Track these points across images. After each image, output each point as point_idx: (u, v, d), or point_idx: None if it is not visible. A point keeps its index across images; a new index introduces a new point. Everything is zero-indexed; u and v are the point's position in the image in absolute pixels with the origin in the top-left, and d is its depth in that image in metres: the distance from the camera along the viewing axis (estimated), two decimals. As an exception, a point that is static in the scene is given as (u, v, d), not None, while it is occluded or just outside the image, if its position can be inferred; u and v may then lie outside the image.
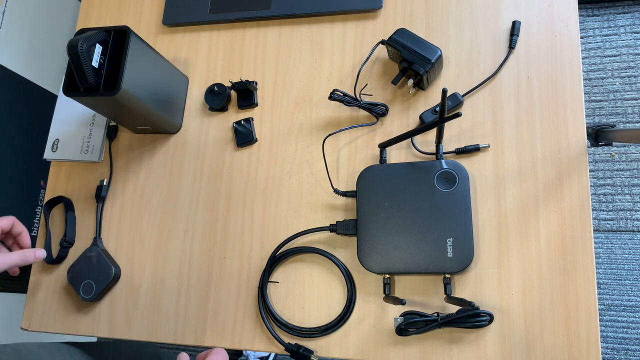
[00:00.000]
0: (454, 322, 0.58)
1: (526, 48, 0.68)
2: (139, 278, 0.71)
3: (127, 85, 0.61)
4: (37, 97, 1.21)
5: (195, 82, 0.77)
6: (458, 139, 0.67)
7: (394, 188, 0.62)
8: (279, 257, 0.67)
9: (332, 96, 0.68)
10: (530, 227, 0.62)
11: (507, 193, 0.63)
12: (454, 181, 0.61)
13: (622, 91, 1.37)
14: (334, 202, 0.68)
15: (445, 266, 0.59)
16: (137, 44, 0.63)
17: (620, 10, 1.42)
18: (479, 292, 0.61)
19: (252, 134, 0.73)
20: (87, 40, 0.59)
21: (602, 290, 1.29)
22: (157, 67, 0.70)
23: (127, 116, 0.70)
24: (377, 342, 0.62)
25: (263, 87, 0.75)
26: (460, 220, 0.60)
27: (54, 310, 0.72)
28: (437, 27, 0.71)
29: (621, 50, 1.39)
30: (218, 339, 0.66)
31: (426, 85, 0.68)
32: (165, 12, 0.81)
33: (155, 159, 0.76)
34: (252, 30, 0.78)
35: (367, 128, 0.70)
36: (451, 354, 0.60)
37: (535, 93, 0.66)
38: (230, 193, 0.72)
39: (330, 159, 0.70)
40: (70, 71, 0.61)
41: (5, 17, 1.12)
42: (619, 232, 1.31)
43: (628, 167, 1.34)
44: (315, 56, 0.74)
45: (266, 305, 0.65)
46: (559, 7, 0.68)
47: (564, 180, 0.62)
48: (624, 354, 1.25)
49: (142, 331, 0.69)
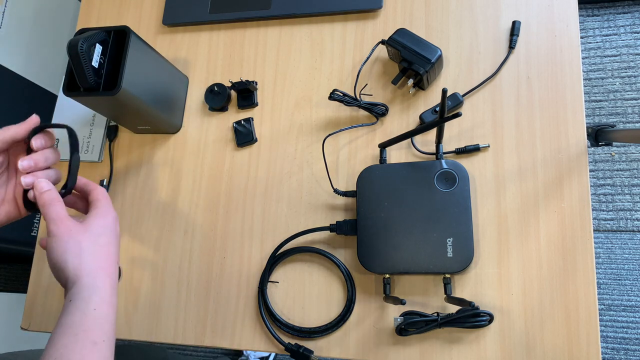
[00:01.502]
0: (454, 322, 0.58)
1: (526, 48, 0.68)
2: (139, 278, 0.71)
3: (127, 85, 0.61)
4: (37, 97, 1.21)
5: (195, 82, 0.77)
6: (458, 139, 0.67)
7: (394, 188, 0.62)
8: (279, 257, 0.67)
9: (332, 96, 0.68)
10: (530, 227, 0.62)
11: (507, 193, 0.63)
12: (454, 181, 0.61)
13: (622, 91, 1.37)
14: (334, 202, 0.68)
15: (445, 266, 0.59)
16: (137, 44, 0.63)
17: (620, 10, 1.42)
18: (479, 292, 0.61)
19: (252, 134, 0.73)
20: (87, 40, 0.59)
21: (602, 290, 1.29)
22: (157, 67, 0.70)
23: (127, 116, 0.70)
24: (377, 342, 0.62)
25: (263, 87, 0.75)
26: (460, 220, 0.60)
27: (54, 310, 0.72)
28: (437, 27, 0.71)
29: (621, 50, 1.39)
30: (218, 339, 0.66)
31: (426, 85, 0.68)
32: (165, 12, 0.81)
33: (155, 159, 0.76)
34: (252, 30, 0.78)
35: (367, 128, 0.70)
36: (451, 354, 0.60)
37: (535, 93, 0.66)
38: (230, 193, 0.72)
39: (330, 159, 0.70)
40: (70, 71, 0.61)
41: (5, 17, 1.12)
42: (619, 232, 1.31)
43: (628, 167, 1.34)
44: (315, 56, 0.74)
45: (266, 305, 0.65)
46: (559, 7, 0.68)
47: (564, 180, 0.62)
48: (624, 354, 1.25)
49: (142, 331, 0.69)
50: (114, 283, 0.52)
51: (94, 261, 0.50)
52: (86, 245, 0.51)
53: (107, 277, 0.51)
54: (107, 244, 0.53)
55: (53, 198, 0.52)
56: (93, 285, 0.49)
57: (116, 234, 0.55)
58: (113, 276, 0.52)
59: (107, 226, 0.54)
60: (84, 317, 0.46)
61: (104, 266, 0.51)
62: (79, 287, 0.48)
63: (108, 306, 0.49)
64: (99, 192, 0.57)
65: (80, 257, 0.50)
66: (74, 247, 0.50)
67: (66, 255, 0.50)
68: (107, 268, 0.51)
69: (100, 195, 0.56)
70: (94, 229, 0.52)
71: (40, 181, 0.53)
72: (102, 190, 0.58)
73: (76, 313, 0.47)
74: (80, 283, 0.49)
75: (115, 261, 0.53)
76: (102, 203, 0.55)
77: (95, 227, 0.53)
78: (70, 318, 0.46)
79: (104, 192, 0.57)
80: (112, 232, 0.54)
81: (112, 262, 0.52)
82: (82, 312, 0.47)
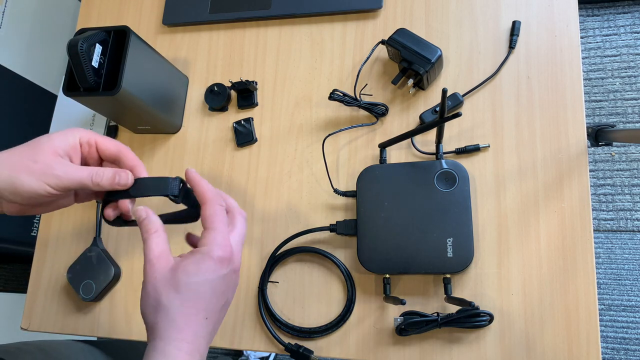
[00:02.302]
0: (454, 322, 0.58)
1: (526, 48, 0.68)
2: (139, 278, 0.71)
3: (127, 85, 0.61)
4: (37, 97, 1.21)
5: (195, 82, 0.77)
6: (458, 139, 0.67)
7: (394, 188, 0.62)
8: (279, 257, 0.67)
9: (332, 96, 0.68)
10: (530, 227, 0.62)
11: (507, 193, 0.63)
12: (454, 181, 0.61)
13: (622, 91, 1.37)
14: (334, 202, 0.68)
15: (445, 266, 0.59)
16: (137, 44, 0.63)
17: (620, 10, 1.42)
18: (479, 292, 0.61)
19: (252, 133, 0.73)
20: (87, 40, 0.59)
21: (602, 290, 1.29)
22: (157, 67, 0.70)
23: (127, 116, 0.70)
24: (377, 342, 0.62)
25: (263, 87, 0.75)
26: (460, 220, 0.60)
27: (54, 310, 0.72)
28: (437, 27, 0.71)
29: (621, 50, 1.39)
30: (218, 339, 0.66)
31: (426, 85, 0.68)
32: (165, 12, 0.81)
33: (155, 159, 0.76)
34: (252, 30, 0.78)
35: (367, 128, 0.70)
36: (451, 354, 0.60)
37: (535, 93, 0.66)
38: (230, 193, 0.71)
39: (330, 159, 0.70)
40: (70, 71, 0.61)
41: (5, 17, 1.12)
42: (619, 232, 1.31)
43: (628, 167, 1.34)
44: (315, 56, 0.74)
45: (266, 305, 0.65)
46: (559, 7, 0.68)
47: (564, 180, 0.62)
48: (624, 354, 1.25)
49: (142, 331, 0.69)
50: (195, 352, 0.42)
51: (169, 326, 0.42)
52: (166, 303, 0.42)
53: (183, 345, 0.41)
54: (198, 300, 0.43)
55: (157, 228, 0.46)
56: (163, 353, 0.41)
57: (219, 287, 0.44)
58: (194, 344, 0.42)
59: (206, 273, 0.43)
60: None
61: (185, 333, 0.42)
62: (152, 347, 0.42)
63: None
64: (213, 212, 0.46)
65: (156, 316, 0.42)
66: (153, 300, 0.43)
67: (145, 306, 0.44)
68: (188, 336, 0.42)
69: (214, 220, 0.46)
70: (183, 279, 0.43)
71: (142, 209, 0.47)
72: (218, 211, 0.46)
73: None
74: (154, 344, 0.42)
75: (204, 325, 0.43)
76: (211, 236, 0.45)
77: (187, 275, 0.43)
78: None
79: (220, 215, 0.46)
80: (213, 284, 0.43)
81: (196, 328, 0.42)
82: None
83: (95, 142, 0.50)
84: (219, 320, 0.45)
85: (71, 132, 0.49)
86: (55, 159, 0.47)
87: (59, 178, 0.46)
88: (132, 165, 0.50)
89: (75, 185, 0.47)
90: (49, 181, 0.46)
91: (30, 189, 0.45)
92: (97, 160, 0.52)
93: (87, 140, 0.50)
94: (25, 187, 0.45)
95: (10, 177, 0.45)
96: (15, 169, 0.46)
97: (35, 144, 0.47)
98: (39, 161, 0.46)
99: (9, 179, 0.45)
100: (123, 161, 0.51)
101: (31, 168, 0.46)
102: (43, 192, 0.46)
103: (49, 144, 0.47)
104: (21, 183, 0.45)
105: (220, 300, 0.45)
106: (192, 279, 0.43)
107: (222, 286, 0.44)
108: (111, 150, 0.50)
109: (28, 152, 0.47)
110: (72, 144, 0.49)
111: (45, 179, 0.46)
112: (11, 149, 0.47)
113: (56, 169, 0.46)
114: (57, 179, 0.46)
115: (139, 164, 0.51)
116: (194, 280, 0.43)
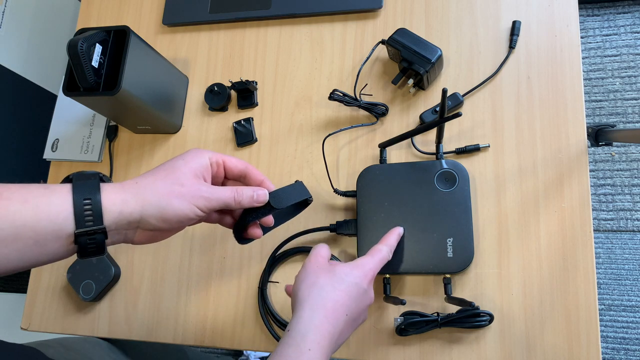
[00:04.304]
0: (454, 322, 0.58)
1: (526, 48, 0.68)
2: (139, 278, 0.71)
3: (127, 85, 0.61)
4: (37, 97, 1.21)
5: (195, 82, 0.77)
6: (458, 138, 0.67)
7: (394, 188, 0.62)
8: (279, 257, 0.67)
9: (332, 96, 0.68)
10: (530, 227, 0.62)
11: (507, 193, 0.63)
12: (454, 181, 0.61)
13: (622, 91, 1.37)
14: (334, 202, 0.68)
15: (445, 266, 0.59)
16: (137, 44, 0.63)
17: (620, 10, 1.42)
18: (479, 292, 0.61)
19: (252, 134, 0.73)
20: (87, 40, 0.59)
21: (602, 290, 1.28)
22: (157, 67, 0.70)
23: (127, 116, 0.70)
24: (377, 342, 0.62)
25: (263, 87, 0.75)
26: (461, 220, 0.60)
27: (54, 310, 0.72)
28: (437, 27, 0.71)
29: (621, 50, 1.39)
30: (218, 339, 0.66)
31: (426, 85, 0.68)
32: (165, 12, 0.81)
33: (155, 159, 0.76)
34: (252, 30, 0.78)
35: (367, 128, 0.70)
36: (451, 354, 0.60)
37: (535, 93, 0.66)
38: (230, 193, 0.71)
39: (330, 159, 0.70)
40: (70, 71, 0.61)
41: (5, 17, 1.12)
42: (619, 232, 1.31)
43: (628, 167, 1.34)
44: (315, 56, 0.74)
45: (266, 305, 0.65)
46: (559, 7, 0.68)
47: (564, 180, 0.62)
48: (624, 354, 1.25)
49: (142, 331, 0.69)
50: (331, 335, 0.47)
51: (321, 299, 0.48)
52: (322, 282, 0.49)
53: (327, 321, 0.47)
54: (344, 293, 0.49)
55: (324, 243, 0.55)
56: (310, 321, 0.46)
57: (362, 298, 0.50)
58: (332, 326, 0.47)
59: (356, 277, 0.51)
60: (300, 354, 0.44)
61: (329, 310, 0.47)
62: (297, 318, 0.47)
63: (321, 353, 0.45)
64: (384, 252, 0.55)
65: (311, 289, 0.48)
66: (311, 278, 0.49)
67: (301, 283, 0.49)
68: (331, 315, 0.47)
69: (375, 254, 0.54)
70: (339, 273, 0.50)
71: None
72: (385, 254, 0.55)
73: (291, 346, 0.45)
74: (300, 314, 0.47)
75: (343, 318, 0.48)
76: (365, 259, 0.53)
77: (343, 272, 0.50)
78: (286, 350, 0.45)
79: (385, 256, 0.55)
80: (357, 289, 0.50)
81: (338, 314, 0.48)
82: (298, 348, 0.44)
83: (223, 161, 0.51)
84: (351, 326, 0.50)
85: (200, 154, 0.50)
86: (198, 181, 0.48)
87: (207, 200, 0.47)
88: (260, 181, 0.53)
89: (220, 205, 0.48)
90: (198, 203, 0.46)
91: (182, 212, 0.46)
92: (222, 179, 0.53)
93: (216, 160, 0.51)
94: (176, 212, 0.45)
95: (160, 202, 0.45)
96: (164, 194, 0.46)
97: (173, 168, 0.48)
98: (185, 184, 0.46)
99: (158, 205, 0.45)
100: (250, 177, 0.53)
101: (180, 192, 0.46)
102: (192, 215, 0.46)
103: (187, 167, 0.48)
104: (172, 208, 0.45)
105: (360, 307, 0.51)
106: (346, 277, 0.50)
107: (364, 299, 0.51)
108: (240, 168, 0.52)
109: (171, 177, 0.47)
110: (205, 165, 0.49)
111: (195, 201, 0.46)
112: (143, 176, 0.47)
113: (203, 191, 0.47)
114: (205, 201, 0.47)
115: (265, 178, 0.53)
116: (347, 278, 0.50)
